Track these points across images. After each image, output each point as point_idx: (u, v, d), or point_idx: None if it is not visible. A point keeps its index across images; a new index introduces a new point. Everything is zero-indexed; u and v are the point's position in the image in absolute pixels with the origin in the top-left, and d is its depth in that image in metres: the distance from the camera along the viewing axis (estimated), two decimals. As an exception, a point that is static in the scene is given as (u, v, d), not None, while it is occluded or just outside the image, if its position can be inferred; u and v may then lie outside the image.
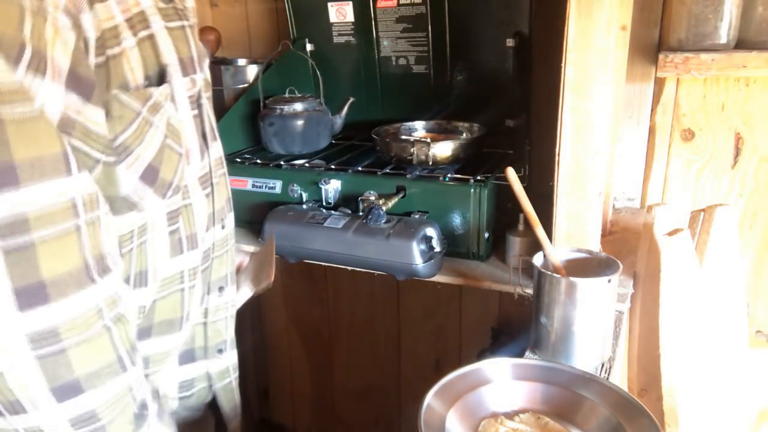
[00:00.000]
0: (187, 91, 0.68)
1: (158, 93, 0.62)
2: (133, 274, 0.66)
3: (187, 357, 0.81)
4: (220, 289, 0.82)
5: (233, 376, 0.88)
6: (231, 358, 0.87)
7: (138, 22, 0.61)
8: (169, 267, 0.70)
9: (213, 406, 0.88)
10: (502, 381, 0.71)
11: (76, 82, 0.52)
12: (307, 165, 1.26)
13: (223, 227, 0.81)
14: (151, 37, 0.62)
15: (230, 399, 0.89)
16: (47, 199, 0.49)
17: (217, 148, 0.79)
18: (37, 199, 0.48)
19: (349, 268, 1.10)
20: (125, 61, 0.58)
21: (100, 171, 0.57)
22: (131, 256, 0.65)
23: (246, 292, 0.95)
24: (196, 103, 0.71)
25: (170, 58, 0.65)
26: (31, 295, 0.48)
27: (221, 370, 0.86)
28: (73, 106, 0.53)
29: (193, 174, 0.72)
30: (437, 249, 1.04)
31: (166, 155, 0.64)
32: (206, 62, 0.77)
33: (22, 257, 0.48)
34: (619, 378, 0.92)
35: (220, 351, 0.85)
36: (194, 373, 0.83)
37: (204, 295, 0.80)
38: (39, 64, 0.49)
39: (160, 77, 0.63)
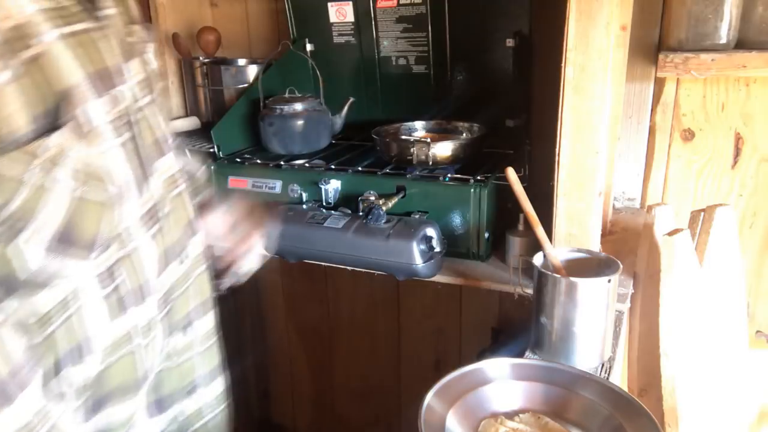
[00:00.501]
0: (108, 114, 0.54)
1: (51, 144, 0.48)
2: (64, 354, 0.56)
3: (160, 406, 0.71)
4: (185, 327, 0.71)
5: (210, 416, 0.78)
6: (209, 394, 0.77)
7: (17, 39, 0.46)
8: (112, 331, 0.60)
9: None
10: (502, 381, 0.71)
11: None
12: (307, 165, 1.26)
13: (182, 262, 0.68)
14: (38, 58, 0.47)
15: None
16: None
17: (165, 166, 0.66)
18: None
19: (349, 268, 1.10)
20: None
21: None
22: (54, 337, 0.55)
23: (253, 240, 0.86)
24: (126, 124, 0.57)
25: (74, 78, 0.50)
26: None
27: (193, 412, 0.75)
28: None
29: (133, 214, 0.59)
30: (437, 249, 1.04)
31: (80, 211, 0.52)
32: (149, 50, 0.66)
33: None
34: (619, 378, 0.92)
35: (191, 391, 0.74)
36: (165, 421, 0.72)
37: (167, 337, 0.69)
38: None
39: (65, 106, 0.49)
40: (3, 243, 0.49)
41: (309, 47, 1.47)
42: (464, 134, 1.32)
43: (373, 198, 1.12)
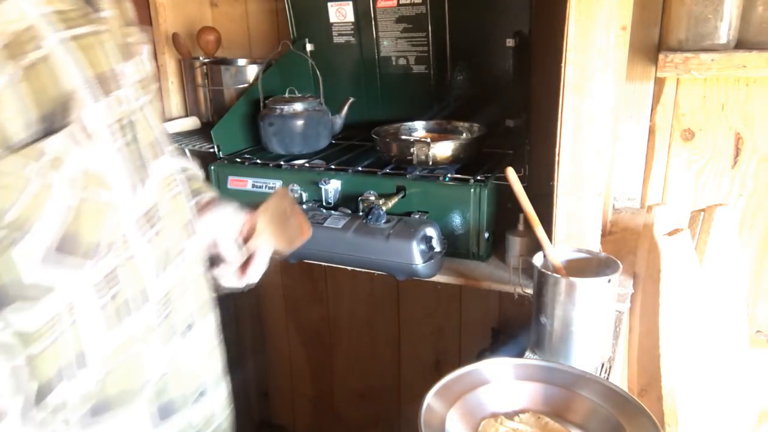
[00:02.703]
0: (108, 118, 0.54)
1: (55, 144, 0.47)
2: (53, 373, 0.53)
3: (164, 413, 0.67)
4: (186, 330, 0.68)
5: (221, 418, 0.76)
6: (216, 399, 0.75)
7: (17, 45, 0.46)
8: (109, 342, 0.57)
9: None
10: (502, 381, 0.71)
11: None
12: (307, 165, 1.26)
13: (180, 264, 0.66)
14: (37, 63, 0.47)
15: None
16: None
17: (162, 167, 0.64)
18: None
19: (349, 268, 1.10)
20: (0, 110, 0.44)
21: None
22: (44, 356, 0.52)
23: (265, 256, 0.83)
24: (125, 126, 0.57)
25: (73, 82, 0.50)
26: None
27: (206, 417, 0.73)
28: None
29: (131, 217, 0.57)
30: (437, 249, 1.04)
31: (79, 219, 0.51)
32: (144, 51, 0.65)
33: None
34: (619, 378, 0.92)
35: (201, 395, 0.72)
36: (174, 429, 0.69)
37: (167, 342, 0.66)
38: None
39: (62, 112, 0.49)
40: (9, 247, 0.47)
41: (309, 47, 1.47)
42: (464, 134, 1.32)
43: (373, 198, 1.12)
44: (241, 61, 1.58)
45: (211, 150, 1.32)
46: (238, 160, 1.29)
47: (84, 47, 0.51)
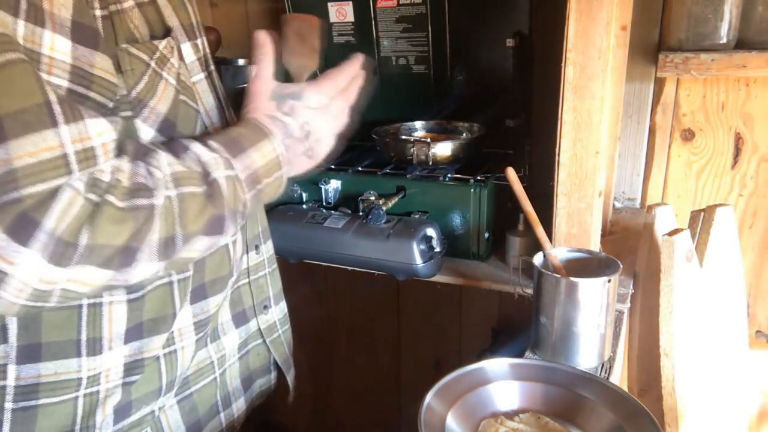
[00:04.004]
0: (194, 54, 0.68)
1: (162, 46, 0.61)
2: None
3: (241, 319, 0.80)
4: (257, 247, 0.81)
5: (281, 330, 0.88)
6: (276, 313, 0.87)
7: None
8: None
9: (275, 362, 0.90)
10: (502, 381, 0.71)
11: (81, 32, 0.52)
12: (307, 165, 1.26)
13: None
14: (152, 2, 0.63)
15: (281, 352, 0.89)
16: (33, 156, 0.47)
17: (230, 111, 0.78)
18: (24, 153, 0.46)
19: (349, 268, 1.10)
20: (128, 18, 0.58)
21: (120, 125, 0.56)
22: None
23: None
24: (205, 66, 0.71)
25: (173, 22, 0.65)
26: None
27: (269, 326, 0.85)
28: (83, 59, 0.52)
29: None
30: (437, 249, 1.04)
31: (181, 110, 0.63)
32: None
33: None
34: (619, 378, 0.92)
35: (266, 307, 0.84)
36: (248, 332, 0.82)
37: (243, 254, 0.78)
38: (36, 16, 0.49)
39: (164, 36, 0.63)
40: (132, 119, 0.58)
41: (309, 47, 1.46)
42: (464, 134, 1.32)
43: (373, 198, 1.12)
44: (241, 61, 1.58)
45: (211, 150, 1.32)
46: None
47: (173, 4, 0.67)
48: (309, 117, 0.69)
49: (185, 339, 0.69)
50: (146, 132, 0.60)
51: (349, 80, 0.76)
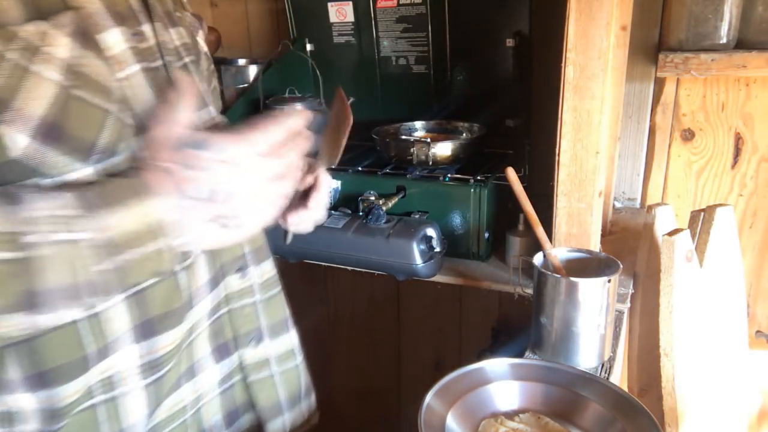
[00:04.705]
0: (125, 43, 0.55)
1: (28, 32, 0.48)
2: None
3: (222, 352, 0.69)
4: (241, 270, 0.69)
5: (279, 369, 0.76)
6: (273, 348, 0.75)
7: None
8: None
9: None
10: (502, 381, 0.71)
11: None
12: (307, 165, 1.26)
13: None
14: None
15: (269, 396, 0.75)
16: None
17: (207, 115, 0.66)
18: None
19: (349, 268, 1.10)
20: None
21: None
22: None
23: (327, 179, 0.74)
24: (149, 58, 0.57)
25: (82, 2, 0.52)
26: None
27: (258, 362, 0.73)
28: None
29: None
30: (437, 249, 1.04)
31: (75, 111, 0.50)
32: (199, 35, 0.70)
33: None
34: (619, 378, 0.92)
35: (254, 340, 0.72)
36: (231, 366, 0.70)
37: (218, 279, 0.66)
38: None
39: (56, 11, 0.50)
40: None
41: (309, 47, 1.47)
42: (464, 134, 1.32)
43: (373, 198, 1.12)
44: (241, 61, 1.58)
45: (211, 150, 1.32)
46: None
47: None
48: (223, 174, 0.51)
49: (129, 384, 0.57)
50: (16, 140, 0.47)
51: (286, 136, 0.57)
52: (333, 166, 0.70)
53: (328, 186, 0.74)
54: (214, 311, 0.66)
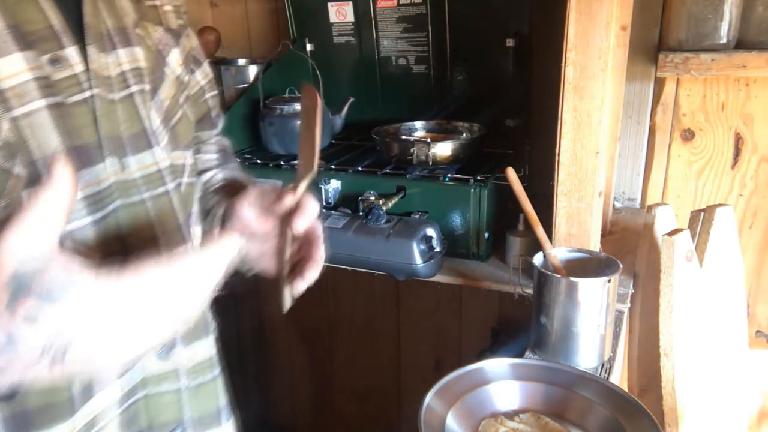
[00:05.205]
0: (33, 71, 0.45)
1: None
2: None
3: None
4: (170, 351, 0.59)
5: None
6: None
7: None
8: None
9: None
10: (502, 381, 0.71)
11: None
12: (307, 165, 1.26)
13: None
14: None
15: None
16: None
17: (149, 160, 0.55)
18: None
19: (349, 268, 1.10)
20: None
21: None
22: None
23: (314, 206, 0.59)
24: (78, 87, 0.48)
25: None
26: None
27: None
28: None
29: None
30: (437, 249, 1.04)
31: None
32: (172, 53, 0.60)
33: None
34: (619, 378, 0.92)
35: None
36: None
37: (131, 362, 0.55)
38: None
39: None
40: None
41: (309, 47, 1.47)
42: (464, 134, 1.32)
43: (373, 198, 1.12)
44: (241, 61, 1.58)
45: (211, 150, 1.32)
46: (238, 160, 1.29)
47: (10, 4, 0.45)
48: (69, 325, 0.35)
49: None
50: None
51: (172, 275, 0.39)
52: (314, 175, 0.59)
53: (314, 208, 0.57)
54: (127, 397, 0.56)
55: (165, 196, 0.57)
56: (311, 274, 0.59)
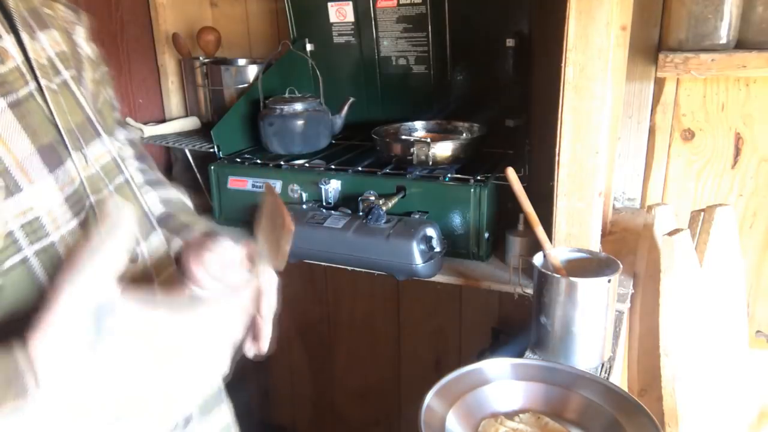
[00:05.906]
0: None
1: None
2: None
3: None
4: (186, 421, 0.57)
5: None
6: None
7: None
8: None
9: None
10: (502, 381, 0.71)
11: None
12: (307, 165, 1.26)
13: (134, 260, 0.53)
14: None
15: None
16: None
17: (101, 150, 0.52)
18: None
19: (349, 268, 1.10)
20: None
21: None
22: None
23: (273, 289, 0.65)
24: (22, 80, 0.44)
25: None
26: None
27: None
28: None
29: (47, 199, 0.44)
30: (437, 249, 1.04)
31: None
32: (78, 32, 0.56)
33: None
34: (619, 378, 0.92)
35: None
36: None
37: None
38: None
39: None
40: None
41: (309, 47, 1.47)
42: (464, 134, 1.32)
43: (373, 198, 1.12)
44: (241, 61, 1.58)
45: (211, 150, 1.32)
46: (238, 160, 1.29)
47: None
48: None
49: None
50: None
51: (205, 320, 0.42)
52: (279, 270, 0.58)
53: (273, 287, 0.57)
54: None
55: (126, 185, 0.55)
56: (264, 334, 0.61)
